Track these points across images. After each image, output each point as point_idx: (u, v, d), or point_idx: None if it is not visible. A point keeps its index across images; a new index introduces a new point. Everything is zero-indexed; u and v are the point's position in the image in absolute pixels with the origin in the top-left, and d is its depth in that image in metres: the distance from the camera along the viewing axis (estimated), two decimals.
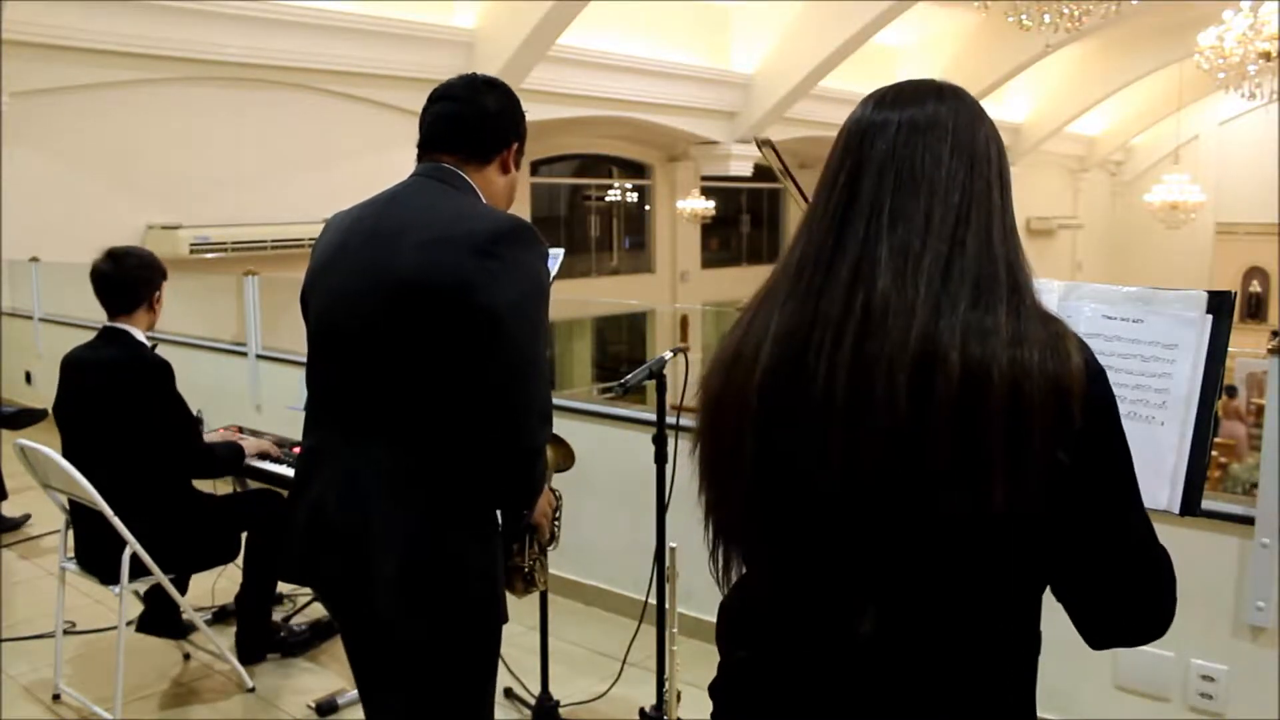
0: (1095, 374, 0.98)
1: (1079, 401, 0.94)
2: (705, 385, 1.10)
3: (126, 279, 2.97)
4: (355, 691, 3.06)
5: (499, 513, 1.74)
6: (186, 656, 3.35)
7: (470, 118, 1.73)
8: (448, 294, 1.54)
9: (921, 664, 1.01)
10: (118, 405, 2.86)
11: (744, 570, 1.14)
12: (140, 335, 2.97)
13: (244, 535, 3.17)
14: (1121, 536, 1.01)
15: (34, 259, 6.93)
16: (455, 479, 1.61)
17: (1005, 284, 0.98)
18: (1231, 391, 8.39)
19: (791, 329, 1.02)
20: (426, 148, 1.75)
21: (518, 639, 3.12)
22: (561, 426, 2.31)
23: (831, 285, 1.00)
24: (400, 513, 1.60)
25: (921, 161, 1.01)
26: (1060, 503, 0.96)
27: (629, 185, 14.23)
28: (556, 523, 2.18)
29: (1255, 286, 17.23)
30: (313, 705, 3.00)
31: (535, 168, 12.79)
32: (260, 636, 3.26)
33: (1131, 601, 1.03)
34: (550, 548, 2.16)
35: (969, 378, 0.93)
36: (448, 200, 1.67)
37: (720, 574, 1.13)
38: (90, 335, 3.08)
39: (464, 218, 1.62)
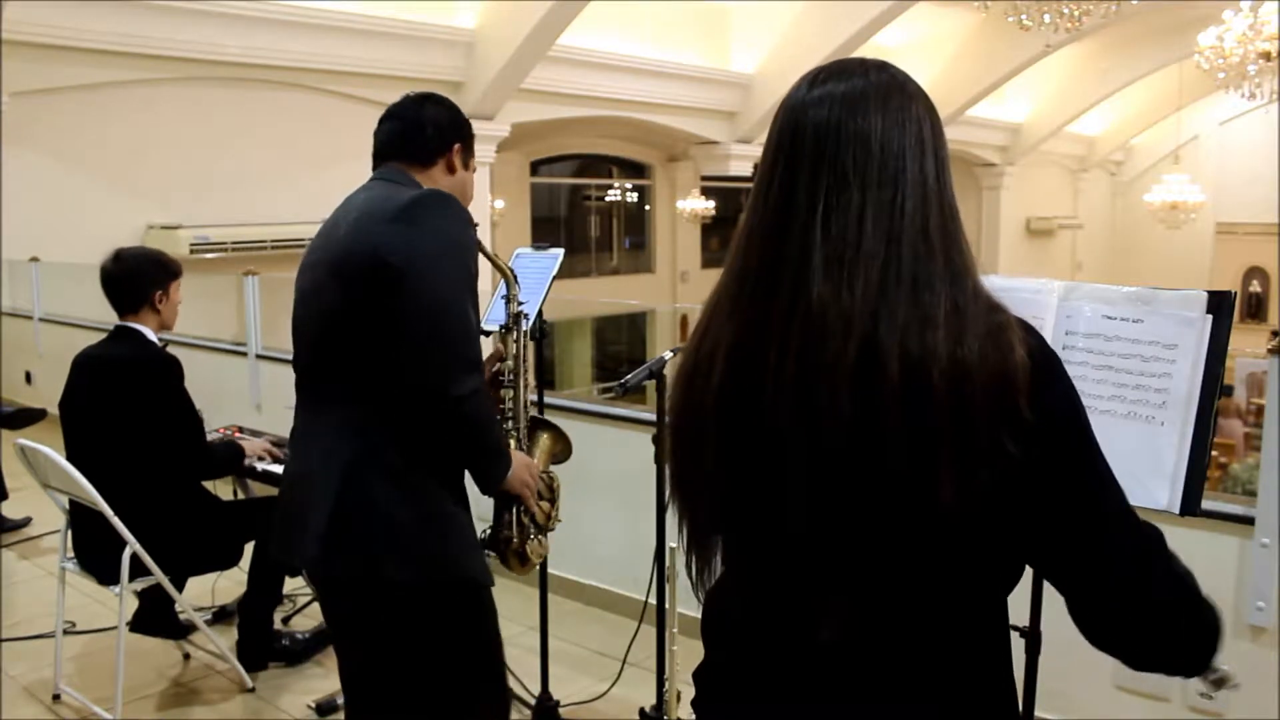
0: (1042, 362, 0.96)
1: (1025, 395, 0.93)
2: (670, 398, 1.12)
3: (124, 277, 2.97)
4: None
5: (470, 477, 1.89)
6: (186, 656, 3.35)
7: (410, 128, 1.95)
8: (366, 260, 1.73)
9: (885, 667, 1.01)
10: (126, 403, 2.86)
11: (719, 573, 1.16)
12: (151, 334, 2.97)
13: (250, 542, 3.15)
14: (1097, 522, 0.98)
15: (34, 259, 6.93)
16: (393, 435, 1.76)
17: (943, 276, 0.97)
18: (1228, 391, 8.34)
19: (740, 343, 1.02)
20: (377, 159, 1.97)
21: (518, 639, 3.12)
22: (561, 426, 2.31)
23: (774, 295, 1.00)
24: (335, 467, 1.76)
25: (854, 154, 0.99)
26: (1021, 495, 0.95)
27: (629, 185, 14.22)
28: (554, 504, 2.20)
29: (1255, 286, 17.22)
30: (313, 705, 3.00)
31: (535, 168, 12.78)
32: (263, 644, 3.24)
33: (1130, 591, 0.97)
34: (549, 529, 2.17)
35: (910, 379, 0.92)
36: (386, 189, 1.87)
37: (695, 579, 1.14)
38: (91, 334, 3.09)
39: (389, 197, 1.81)
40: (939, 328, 0.93)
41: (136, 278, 2.98)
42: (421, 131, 1.94)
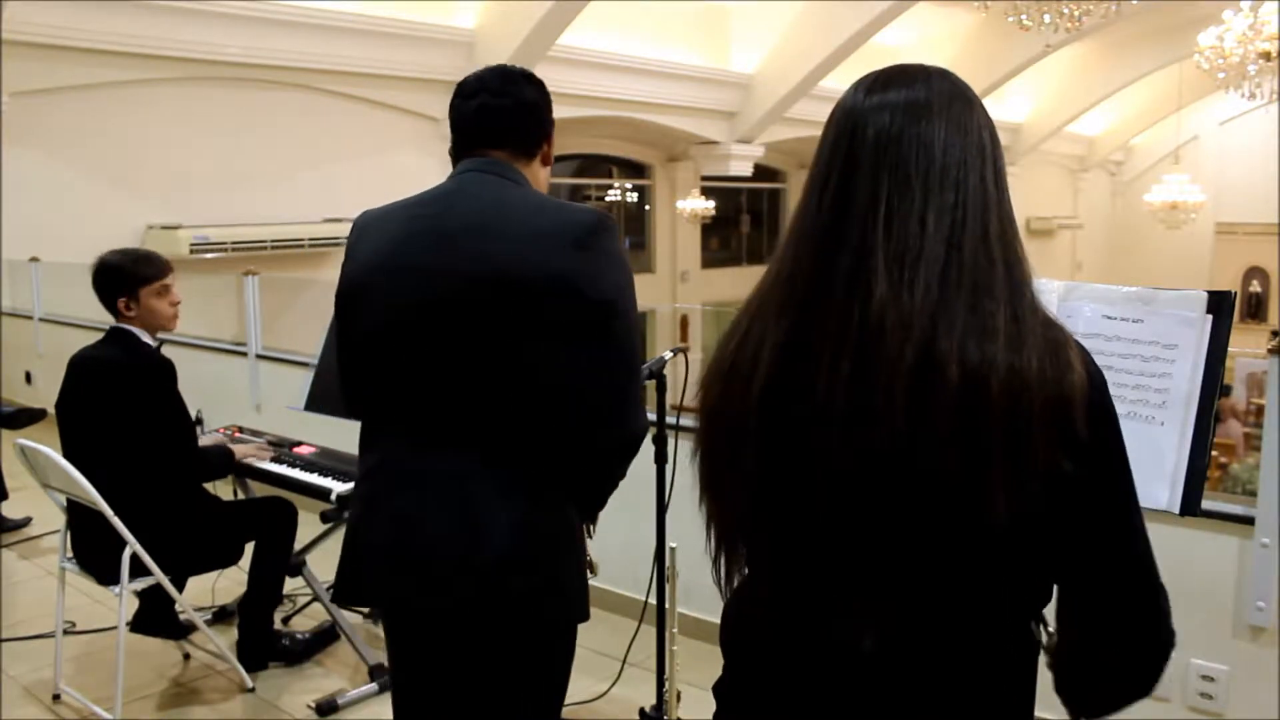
0: (1097, 384, 0.96)
1: (1081, 412, 0.92)
2: (703, 396, 1.09)
3: (96, 282, 2.96)
4: (355, 691, 3.07)
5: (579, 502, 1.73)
6: (186, 656, 3.35)
7: (515, 111, 1.69)
8: (553, 286, 1.51)
9: (923, 677, 1.00)
10: (117, 404, 2.85)
11: (745, 577, 1.14)
12: (144, 336, 2.96)
13: (250, 541, 3.15)
14: (1121, 550, 0.99)
15: (34, 259, 6.93)
16: (555, 473, 1.60)
17: (1004, 285, 0.96)
18: (1225, 390, 8.30)
19: (790, 342, 1.00)
20: (472, 143, 1.69)
21: None
22: None
23: (829, 295, 0.98)
24: (505, 514, 1.56)
25: (916, 159, 0.98)
26: (1063, 514, 0.95)
27: (629, 185, 14.22)
28: None
29: (1255, 286, 17.23)
30: (313, 705, 2.99)
31: None
32: (264, 644, 3.24)
33: (1126, 635, 1.00)
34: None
35: (967, 387, 0.91)
36: (520, 195, 1.63)
37: (723, 583, 1.12)
38: (91, 335, 3.09)
39: (548, 210, 1.59)
40: (999, 337, 0.92)
41: (103, 285, 2.95)
42: (528, 116, 1.70)
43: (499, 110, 1.68)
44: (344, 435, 1.93)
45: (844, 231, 0.99)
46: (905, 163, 0.98)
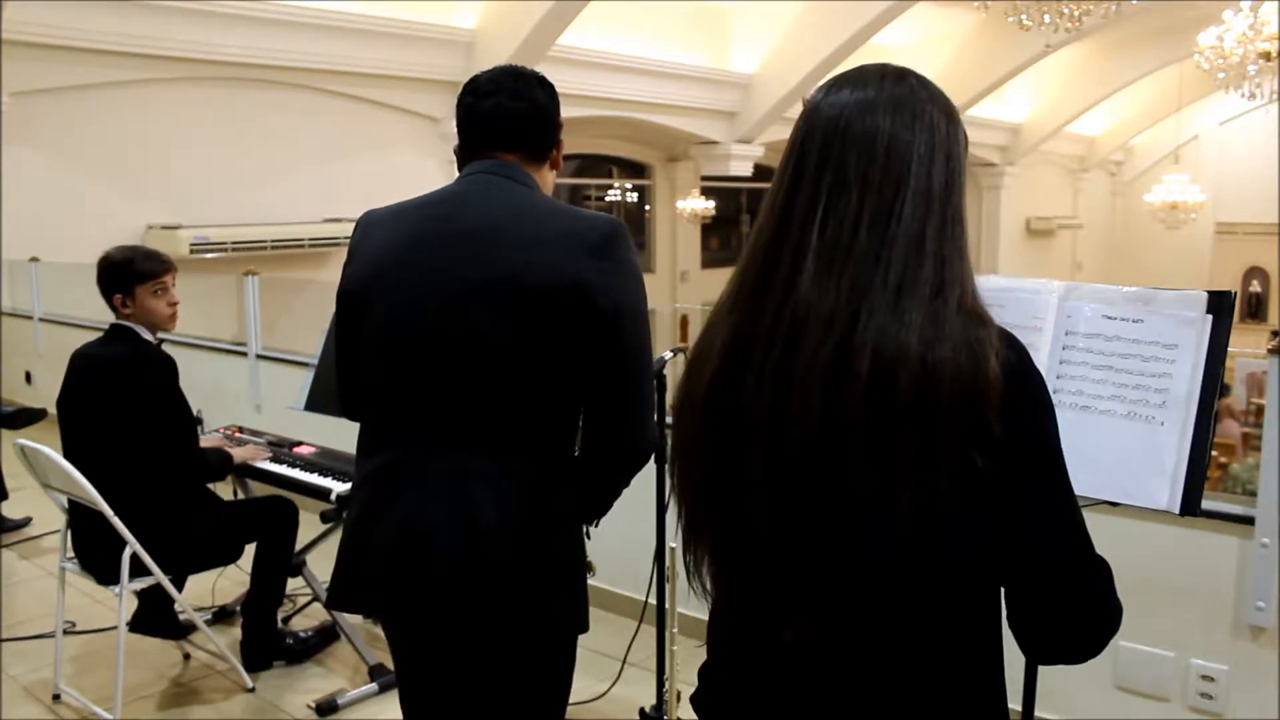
0: (1016, 380, 0.94)
1: (995, 409, 0.92)
2: (675, 393, 1.13)
3: (97, 280, 2.97)
4: (355, 691, 3.07)
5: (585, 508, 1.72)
6: (186, 656, 3.35)
7: (531, 115, 1.66)
8: (566, 294, 1.49)
9: (853, 672, 1.00)
10: (118, 400, 2.86)
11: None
12: (145, 334, 2.96)
13: (251, 541, 3.15)
14: (1053, 542, 0.98)
15: (34, 259, 6.93)
16: (559, 478, 1.59)
17: (932, 285, 0.96)
18: (1224, 390, 8.32)
19: (732, 339, 1.03)
20: (484, 144, 1.65)
21: None
22: None
23: (768, 294, 1.00)
24: (506, 517, 1.53)
25: (856, 158, 0.99)
26: (985, 507, 0.94)
27: (629, 185, 14.22)
28: None
29: (1255, 286, 17.22)
30: (313, 705, 2.99)
31: None
32: (267, 645, 3.24)
33: (1067, 613, 0.99)
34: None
35: (876, 382, 0.92)
36: (533, 199, 1.61)
37: (692, 570, 1.14)
38: (91, 335, 3.09)
39: (563, 216, 1.58)
40: (913, 334, 0.93)
41: (101, 281, 2.96)
42: (542, 120, 1.67)
43: (515, 113, 1.64)
44: (344, 435, 1.93)
45: (788, 230, 1.01)
46: (845, 162, 1.00)
